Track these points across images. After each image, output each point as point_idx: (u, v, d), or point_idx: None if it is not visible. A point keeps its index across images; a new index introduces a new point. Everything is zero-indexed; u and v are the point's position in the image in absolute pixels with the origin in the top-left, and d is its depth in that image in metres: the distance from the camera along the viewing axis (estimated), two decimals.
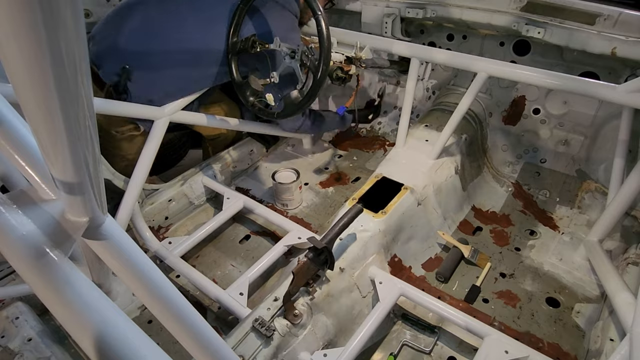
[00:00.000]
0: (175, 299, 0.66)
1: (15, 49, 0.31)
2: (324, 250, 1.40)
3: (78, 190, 0.47)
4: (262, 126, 2.34)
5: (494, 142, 2.38)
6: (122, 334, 0.52)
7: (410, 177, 1.87)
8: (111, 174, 1.87)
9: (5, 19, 0.29)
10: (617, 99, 1.53)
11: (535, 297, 1.71)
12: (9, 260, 0.47)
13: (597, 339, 1.42)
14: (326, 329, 1.45)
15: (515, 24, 1.95)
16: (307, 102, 1.77)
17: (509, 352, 1.35)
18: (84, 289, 0.51)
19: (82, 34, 0.36)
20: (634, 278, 1.55)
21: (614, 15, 1.70)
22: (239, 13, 1.80)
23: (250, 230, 2.13)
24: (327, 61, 1.66)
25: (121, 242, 0.60)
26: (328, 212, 2.20)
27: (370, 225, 1.65)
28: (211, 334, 0.71)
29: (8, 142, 0.50)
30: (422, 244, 1.89)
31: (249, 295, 1.62)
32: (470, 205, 2.17)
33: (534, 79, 1.66)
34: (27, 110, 0.38)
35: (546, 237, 1.99)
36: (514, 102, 2.29)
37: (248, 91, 1.88)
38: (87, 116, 0.42)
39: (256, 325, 1.29)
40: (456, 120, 1.86)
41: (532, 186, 2.24)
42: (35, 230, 0.47)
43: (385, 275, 1.61)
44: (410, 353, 1.57)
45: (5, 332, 1.39)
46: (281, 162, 2.56)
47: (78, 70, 0.37)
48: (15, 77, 0.34)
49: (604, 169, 2.06)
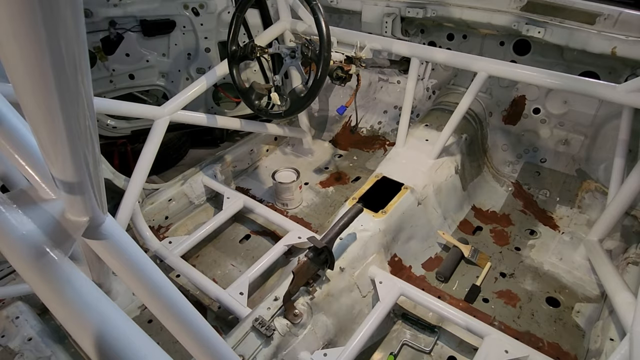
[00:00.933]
0: (175, 298, 0.66)
1: (15, 49, 0.31)
2: (324, 249, 1.40)
3: (78, 190, 0.47)
4: (263, 126, 2.34)
5: (494, 142, 2.38)
6: (122, 333, 0.52)
7: (410, 177, 1.87)
8: (111, 173, 1.87)
9: (5, 19, 0.29)
10: (617, 98, 1.53)
11: (535, 296, 1.71)
12: (9, 260, 0.47)
13: (597, 339, 1.42)
14: (326, 329, 1.45)
15: (515, 23, 1.94)
16: (312, 96, 1.76)
17: (509, 351, 1.35)
18: (84, 288, 0.51)
19: (82, 34, 0.36)
20: (634, 278, 1.55)
21: (614, 15, 1.70)
22: (236, 21, 1.81)
23: (251, 229, 2.13)
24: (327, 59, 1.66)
25: (121, 241, 0.60)
26: (328, 211, 2.20)
27: (371, 224, 1.65)
28: (211, 333, 0.71)
29: (8, 142, 0.50)
30: (422, 244, 1.89)
31: (249, 295, 1.63)
32: (470, 204, 2.17)
33: (534, 79, 1.66)
34: (27, 110, 0.38)
35: (546, 236, 1.99)
36: (514, 102, 2.29)
37: (253, 96, 1.88)
38: (87, 116, 0.42)
39: (256, 325, 1.29)
40: (456, 120, 1.86)
41: (532, 186, 2.24)
42: (36, 230, 0.47)
43: (385, 275, 1.61)
44: (410, 352, 1.57)
45: (6, 332, 1.39)
46: (281, 162, 2.56)
47: (78, 70, 0.37)
48: (15, 77, 0.34)
49: (604, 169, 2.06)
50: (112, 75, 2.30)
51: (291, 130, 2.60)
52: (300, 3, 2.15)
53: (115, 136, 2.49)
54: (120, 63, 2.30)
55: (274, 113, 1.90)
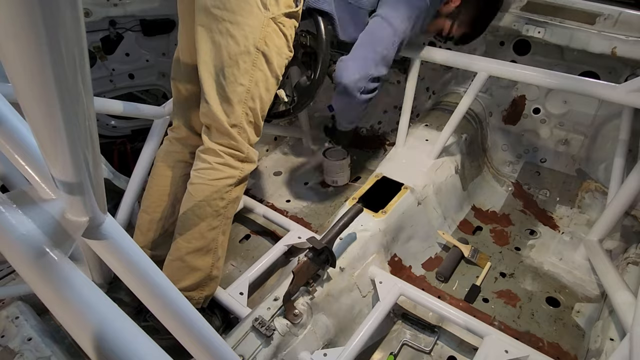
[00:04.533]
0: (175, 298, 0.66)
1: (15, 49, 0.31)
2: (324, 250, 1.40)
3: (78, 189, 0.47)
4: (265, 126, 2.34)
5: (494, 142, 2.38)
6: (122, 333, 0.52)
7: (410, 177, 1.87)
8: (111, 173, 1.87)
9: (5, 19, 0.29)
10: (617, 98, 1.53)
11: (535, 296, 1.71)
12: (8, 260, 0.47)
13: (597, 339, 1.42)
14: (326, 329, 1.45)
15: (515, 23, 1.94)
16: (317, 86, 1.74)
17: (509, 351, 1.35)
18: (84, 289, 0.51)
19: (82, 34, 0.36)
20: (634, 278, 1.55)
21: (614, 15, 1.70)
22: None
23: (250, 229, 2.13)
24: (325, 59, 1.66)
25: (121, 241, 0.59)
26: (328, 211, 2.20)
27: (370, 224, 1.65)
28: (211, 333, 0.71)
29: (8, 142, 0.50)
30: (422, 244, 1.89)
31: (249, 295, 1.62)
32: (470, 204, 2.17)
33: (534, 79, 1.66)
34: (27, 110, 0.38)
35: (546, 236, 1.99)
36: (514, 102, 2.29)
37: None
38: (87, 116, 0.42)
39: (256, 325, 1.29)
40: (456, 119, 1.86)
41: (532, 186, 2.24)
42: (35, 230, 0.47)
43: (385, 275, 1.61)
44: (410, 353, 1.57)
45: (5, 332, 1.39)
46: (281, 162, 2.56)
47: (78, 70, 0.37)
48: (15, 77, 0.34)
49: (604, 169, 2.06)
50: (112, 75, 2.30)
51: (291, 130, 2.59)
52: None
53: (115, 135, 2.49)
54: (120, 62, 2.30)
55: (282, 112, 1.89)
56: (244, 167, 1.49)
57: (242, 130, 1.45)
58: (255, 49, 1.37)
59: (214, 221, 1.47)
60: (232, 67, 1.37)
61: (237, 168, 1.47)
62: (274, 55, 1.42)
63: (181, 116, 1.64)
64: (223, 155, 1.44)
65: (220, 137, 1.44)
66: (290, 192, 2.35)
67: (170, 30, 2.36)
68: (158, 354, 0.56)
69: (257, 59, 1.39)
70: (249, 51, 1.37)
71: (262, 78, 1.43)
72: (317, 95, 1.78)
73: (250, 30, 1.35)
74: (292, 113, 1.89)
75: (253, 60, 1.38)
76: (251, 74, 1.40)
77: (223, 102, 1.40)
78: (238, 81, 1.39)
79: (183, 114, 1.63)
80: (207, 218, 1.45)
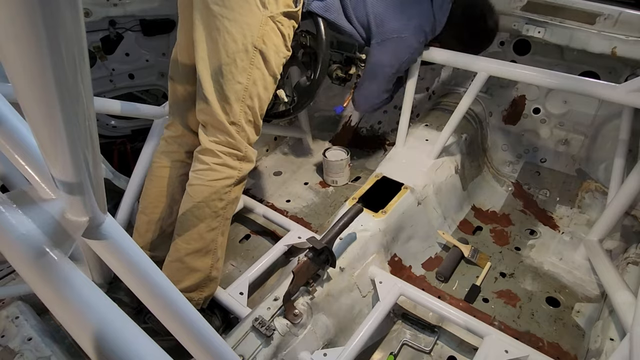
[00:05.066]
0: (175, 298, 0.66)
1: (15, 49, 0.31)
2: (324, 250, 1.40)
3: (78, 189, 0.47)
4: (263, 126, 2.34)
5: (494, 142, 2.38)
6: (122, 333, 0.52)
7: (410, 177, 1.87)
8: (111, 173, 1.87)
9: (5, 19, 0.29)
10: (617, 98, 1.53)
11: (535, 296, 1.71)
12: (8, 260, 0.47)
13: (597, 339, 1.42)
14: (326, 329, 1.45)
15: (515, 23, 1.94)
16: (317, 86, 1.74)
17: (508, 351, 1.35)
18: (84, 288, 0.51)
19: (82, 34, 0.36)
20: (634, 278, 1.55)
21: (614, 15, 1.70)
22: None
23: (250, 229, 2.13)
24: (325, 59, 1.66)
25: (121, 241, 0.59)
26: (328, 211, 2.20)
27: (370, 224, 1.65)
28: (211, 333, 0.71)
29: (8, 142, 0.50)
30: (422, 244, 1.89)
31: (249, 295, 1.62)
32: (470, 204, 2.17)
33: (534, 79, 1.66)
34: (27, 110, 0.38)
35: (546, 236, 1.99)
36: (514, 102, 2.29)
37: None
38: (87, 116, 0.42)
39: (256, 325, 1.29)
40: (456, 119, 1.86)
41: (532, 186, 2.24)
42: (35, 230, 0.47)
43: (385, 275, 1.61)
44: (410, 352, 1.57)
45: (5, 332, 1.38)
46: (281, 162, 2.55)
47: (78, 70, 0.37)
48: (15, 77, 0.34)
49: (604, 169, 2.06)
50: (112, 75, 2.30)
51: (291, 130, 2.59)
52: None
53: (115, 135, 2.49)
54: (120, 62, 2.30)
55: (283, 112, 1.88)
56: (242, 167, 1.49)
57: (241, 129, 1.44)
58: (253, 47, 1.37)
59: (213, 222, 1.47)
60: (229, 65, 1.37)
61: (236, 168, 1.47)
62: (272, 54, 1.42)
63: (177, 115, 1.64)
64: (221, 156, 1.44)
65: (217, 134, 1.43)
66: (290, 192, 2.35)
67: (170, 30, 2.36)
68: (158, 354, 0.56)
69: (255, 58, 1.39)
70: (246, 49, 1.37)
71: (260, 76, 1.42)
72: (317, 95, 1.78)
73: (249, 28, 1.35)
74: (292, 113, 1.89)
75: (251, 59, 1.38)
76: (249, 72, 1.39)
77: (221, 100, 1.40)
78: (236, 79, 1.39)
79: (179, 112, 1.63)
80: (206, 219, 1.45)
